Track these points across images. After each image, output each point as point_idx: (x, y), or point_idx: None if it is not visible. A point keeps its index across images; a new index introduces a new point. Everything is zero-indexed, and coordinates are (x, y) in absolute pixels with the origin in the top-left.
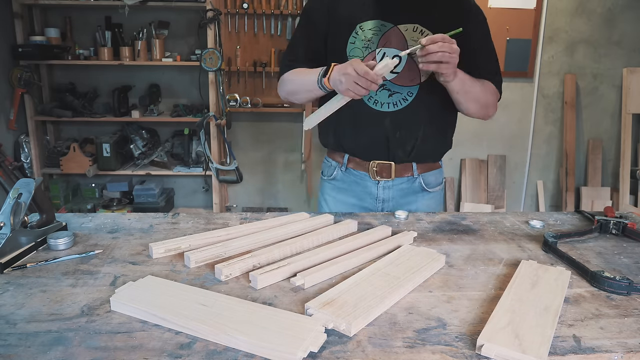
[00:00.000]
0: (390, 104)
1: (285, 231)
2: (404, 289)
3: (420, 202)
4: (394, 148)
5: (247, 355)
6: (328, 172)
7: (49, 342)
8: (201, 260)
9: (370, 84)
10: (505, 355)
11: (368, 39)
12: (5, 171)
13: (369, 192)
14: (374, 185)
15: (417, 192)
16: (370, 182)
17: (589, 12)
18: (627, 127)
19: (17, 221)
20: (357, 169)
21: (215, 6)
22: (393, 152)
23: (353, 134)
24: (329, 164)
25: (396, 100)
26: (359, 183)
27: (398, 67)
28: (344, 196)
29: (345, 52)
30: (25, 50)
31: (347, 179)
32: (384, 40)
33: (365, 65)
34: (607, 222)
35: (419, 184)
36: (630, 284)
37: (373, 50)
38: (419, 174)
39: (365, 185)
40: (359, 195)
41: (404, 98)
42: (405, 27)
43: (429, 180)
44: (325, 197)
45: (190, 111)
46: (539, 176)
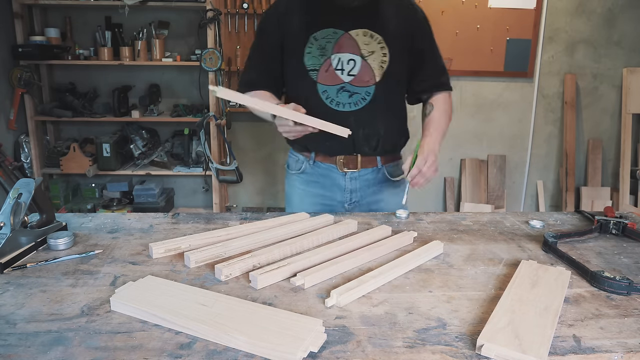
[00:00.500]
0: (352, 104)
1: (285, 231)
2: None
3: (385, 191)
4: (359, 145)
5: (247, 355)
6: (296, 166)
7: (49, 342)
8: (201, 260)
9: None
10: (505, 355)
11: (322, 46)
12: (5, 171)
13: (336, 183)
14: (341, 177)
15: (382, 181)
16: (338, 174)
17: (589, 12)
18: (627, 127)
19: (17, 221)
20: (324, 161)
21: (215, 6)
22: (359, 148)
23: (319, 136)
24: (295, 158)
25: (356, 100)
26: (327, 175)
27: (354, 70)
28: (313, 188)
29: (303, 62)
30: (25, 50)
31: (315, 172)
32: (337, 47)
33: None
34: (607, 222)
35: (382, 174)
36: (630, 284)
37: (328, 57)
38: (382, 165)
39: (333, 177)
40: (327, 186)
41: (362, 98)
42: (356, 33)
43: (391, 170)
44: (294, 190)
45: (190, 111)
46: (539, 176)
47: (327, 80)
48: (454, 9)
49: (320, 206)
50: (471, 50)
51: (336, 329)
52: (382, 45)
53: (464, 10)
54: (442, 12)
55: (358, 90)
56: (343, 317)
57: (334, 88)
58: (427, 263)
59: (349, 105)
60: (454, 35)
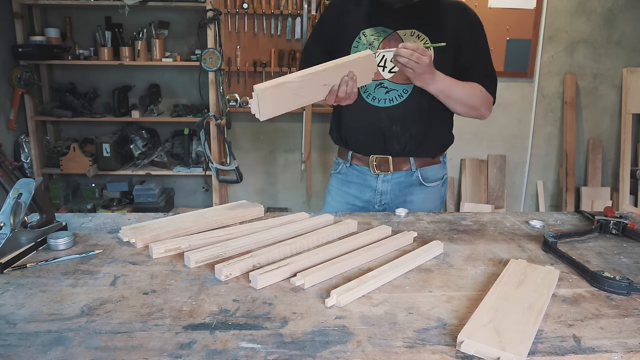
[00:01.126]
0: (387, 100)
1: (285, 231)
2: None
3: (417, 195)
4: (389, 141)
5: (246, 356)
6: (335, 168)
7: (49, 342)
8: (201, 260)
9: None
10: (484, 351)
11: (370, 42)
12: (5, 171)
13: (369, 184)
14: (373, 179)
15: (415, 185)
16: (371, 176)
17: (589, 12)
18: (627, 127)
19: (17, 221)
20: (359, 164)
21: (215, 6)
22: (389, 145)
23: (354, 128)
24: (337, 162)
25: (392, 97)
26: (361, 177)
27: (396, 68)
28: (347, 188)
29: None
30: (25, 50)
31: (351, 173)
32: (384, 44)
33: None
34: (607, 222)
35: (416, 177)
36: (630, 284)
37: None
38: (417, 168)
39: (365, 179)
40: (359, 187)
41: (399, 95)
42: (404, 33)
43: (427, 175)
44: (330, 188)
45: (190, 111)
46: (539, 176)
47: None
48: None
49: (351, 206)
50: None
51: (336, 329)
52: (427, 45)
53: None
54: None
55: (395, 87)
56: (343, 317)
57: (373, 83)
58: (427, 263)
59: (384, 101)
60: None
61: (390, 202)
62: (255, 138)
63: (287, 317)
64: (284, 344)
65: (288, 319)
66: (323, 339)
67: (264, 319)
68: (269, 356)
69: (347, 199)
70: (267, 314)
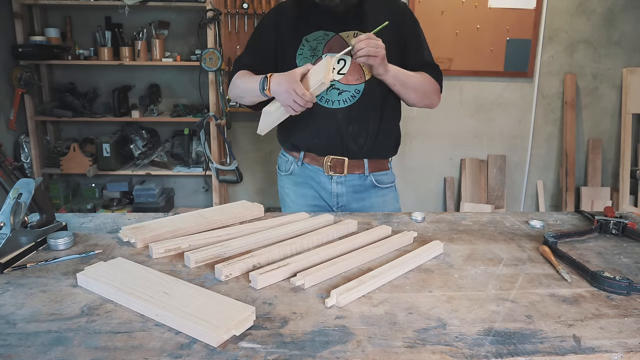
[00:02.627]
0: (341, 101)
1: (285, 231)
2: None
3: (374, 197)
4: (347, 142)
5: (246, 355)
6: (285, 167)
7: (49, 342)
8: (201, 260)
9: (307, 104)
10: None
11: (314, 47)
12: (5, 171)
13: (323, 186)
14: (327, 181)
15: (370, 188)
16: (324, 177)
17: (589, 12)
18: (627, 127)
19: (17, 221)
20: (312, 163)
21: (215, 6)
22: (347, 146)
23: (308, 133)
24: (285, 159)
25: (345, 98)
26: (314, 178)
27: (344, 69)
28: (303, 189)
29: (295, 62)
30: (25, 50)
31: (303, 173)
32: (328, 47)
33: (302, 88)
34: (607, 222)
35: (370, 181)
36: (630, 284)
37: (319, 57)
38: (369, 172)
39: (319, 180)
40: (315, 188)
41: (352, 95)
42: (346, 34)
43: (380, 179)
44: (285, 191)
45: (190, 111)
46: (539, 176)
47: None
48: (454, 9)
49: (312, 207)
50: (471, 50)
51: (336, 329)
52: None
53: (464, 10)
54: (442, 12)
55: (347, 88)
56: (343, 317)
57: None
58: (427, 263)
59: (337, 102)
60: (453, 35)
61: (347, 204)
62: (255, 138)
63: (287, 317)
64: (284, 344)
65: (288, 319)
66: (323, 339)
67: (264, 319)
68: (269, 356)
69: (307, 201)
70: (267, 314)
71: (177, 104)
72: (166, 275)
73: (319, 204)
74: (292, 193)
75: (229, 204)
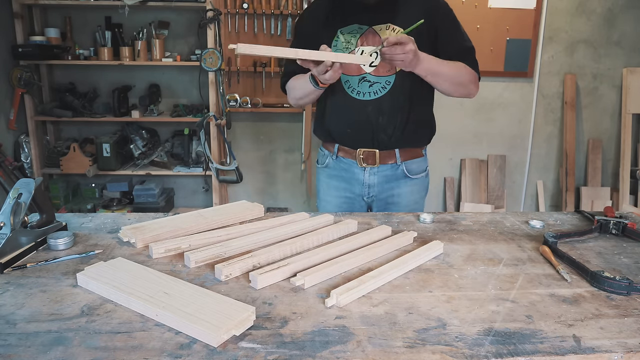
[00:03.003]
0: (371, 93)
1: (285, 231)
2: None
3: (403, 187)
4: (377, 133)
5: (246, 355)
6: (322, 161)
7: (49, 342)
8: (201, 260)
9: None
10: None
11: (348, 40)
12: (5, 171)
13: (356, 178)
14: (360, 172)
15: (400, 178)
16: (358, 169)
17: (589, 12)
18: (627, 127)
19: (17, 221)
20: (346, 157)
21: (215, 6)
22: (377, 137)
23: (340, 123)
24: (322, 153)
25: (376, 89)
26: (348, 170)
27: (375, 62)
28: (336, 182)
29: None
30: (25, 50)
31: (338, 167)
32: (361, 41)
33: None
34: (607, 222)
35: (401, 170)
36: (630, 283)
37: (352, 49)
38: (402, 162)
39: (353, 172)
40: (348, 180)
41: (382, 87)
42: (379, 27)
43: (411, 168)
44: (320, 183)
45: (190, 111)
46: (539, 176)
47: (350, 71)
48: (454, 9)
49: (342, 198)
50: None
51: (336, 329)
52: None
53: (464, 10)
54: None
55: (378, 80)
56: (343, 317)
57: (355, 78)
58: (427, 263)
59: (368, 94)
60: None
61: (377, 194)
62: (255, 138)
63: (287, 317)
64: (284, 344)
65: (288, 319)
66: (323, 339)
67: (264, 319)
68: (269, 356)
69: (338, 193)
70: (267, 314)
71: (177, 104)
72: (166, 275)
73: (347, 195)
74: (325, 185)
75: (229, 204)
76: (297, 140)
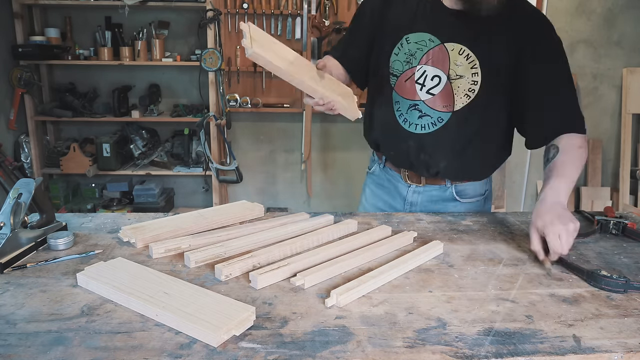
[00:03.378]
0: (418, 126)
1: (285, 231)
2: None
3: (451, 210)
4: (417, 168)
5: (246, 355)
6: (371, 165)
7: (49, 342)
8: (201, 260)
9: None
10: None
11: (412, 53)
12: (5, 171)
13: (399, 192)
14: (404, 188)
15: (448, 200)
16: (402, 183)
17: (589, 12)
18: (627, 127)
19: (17, 221)
20: (393, 169)
21: (215, 6)
22: (418, 170)
23: (386, 142)
24: (373, 157)
25: (425, 124)
26: (392, 182)
27: (435, 89)
28: (380, 191)
29: (389, 63)
30: (25, 50)
31: (384, 176)
32: (426, 57)
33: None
34: (607, 222)
35: (450, 193)
36: (627, 281)
37: (414, 66)
38: (451, 184)
39: (397, 186)
40: (391, 193)
41: (432, 123)
42: (452, 46)
43: (465, 191)
44: (365, 188)
45: (190, 111)
46: (539, 176)
47: (403, 91)
48: None
49: (381, 210)
50: None
51: (336, 329)
52: (475, 70)
53: None
54: None
55: (430, 113)
56: (343, 317)
57: (407, 102)
58: (427, 263)
59: (415, 126)
60: None
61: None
62: (255, 138)
63: (287, 317)
64: (284, 344)
65: (288, 319)
66: (323, 339)
67: (264, 319)
68: (269, 356)
69: (378, 203)
70: (267, 314)
71: (177, 104)
72: (166, 275)
73: (387, 209)
74: (369, 191)
75: (229, 204)
76: (297, 140)
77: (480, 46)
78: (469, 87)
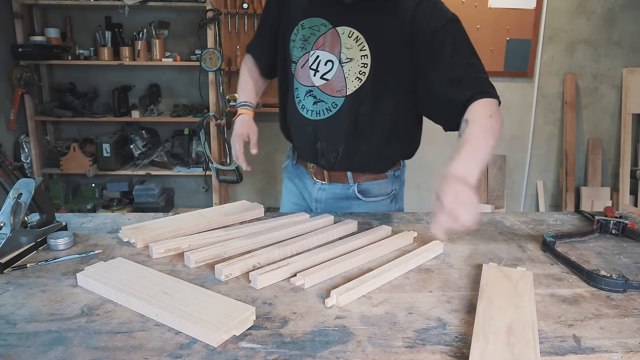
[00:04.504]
0: (314, 112)
1: (285, 231)
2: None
3: (355, 209)
4: (319, 156)
5: (246, 355)
6: (285, 161)
7: (49, 342)
8: (201, 260)
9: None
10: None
11: (305, 38)
12: (5, 171)
13: (307, 189)
14: (311, 184)
15: (352, 199)
16: (309, 180)
17: (589, 12)
18: (627, 127)
19: (17, 221)
20: (302, 165)
21: (215, 6)
22: (319, 159)
23: (292, 133)
24: (288, 154)
25: (319, 110)
26: (301, 178)
27: (329, 74)
28: (291, 185)
29: (289, 49)
30: (25, 50)
31: (294, 172)
32: (320, 42)
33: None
34: (607, 222)
35: (352, 191)
36: (626, 281)
37: (308, 51)
38: (354, 182)
39: (305, 183)
40: (300, 188)
41: (327, 108)
42: (342, 30)
43: (369, 189)
44: (284, 182)
45: (190, 111)
46: (539, 176)
47: (301, 77)
48: (454, 9)
49: (294, 205)
50: None
51: (336, 329)
52: (364, 52)
53: (464, 10)
54: None
55: (324, 99)
56: (343, 317)
57: (304, 88)
58: (427, 263)
59: (311, 112)
60: None
61: (325, 210)
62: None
63: (287, 317)
64: (284, 344)
65: (288, 319)
66: (323, 339)
67: (264, 319)
68: (269, 356)
69: (292, 198)
70: (267, 314)
71: (177, 104)
72: (166, 275)
73: (300, 203)
74: (284, 188)
75: (229, 204)
76: None
77: (369, 27)
78: (359, 70)
